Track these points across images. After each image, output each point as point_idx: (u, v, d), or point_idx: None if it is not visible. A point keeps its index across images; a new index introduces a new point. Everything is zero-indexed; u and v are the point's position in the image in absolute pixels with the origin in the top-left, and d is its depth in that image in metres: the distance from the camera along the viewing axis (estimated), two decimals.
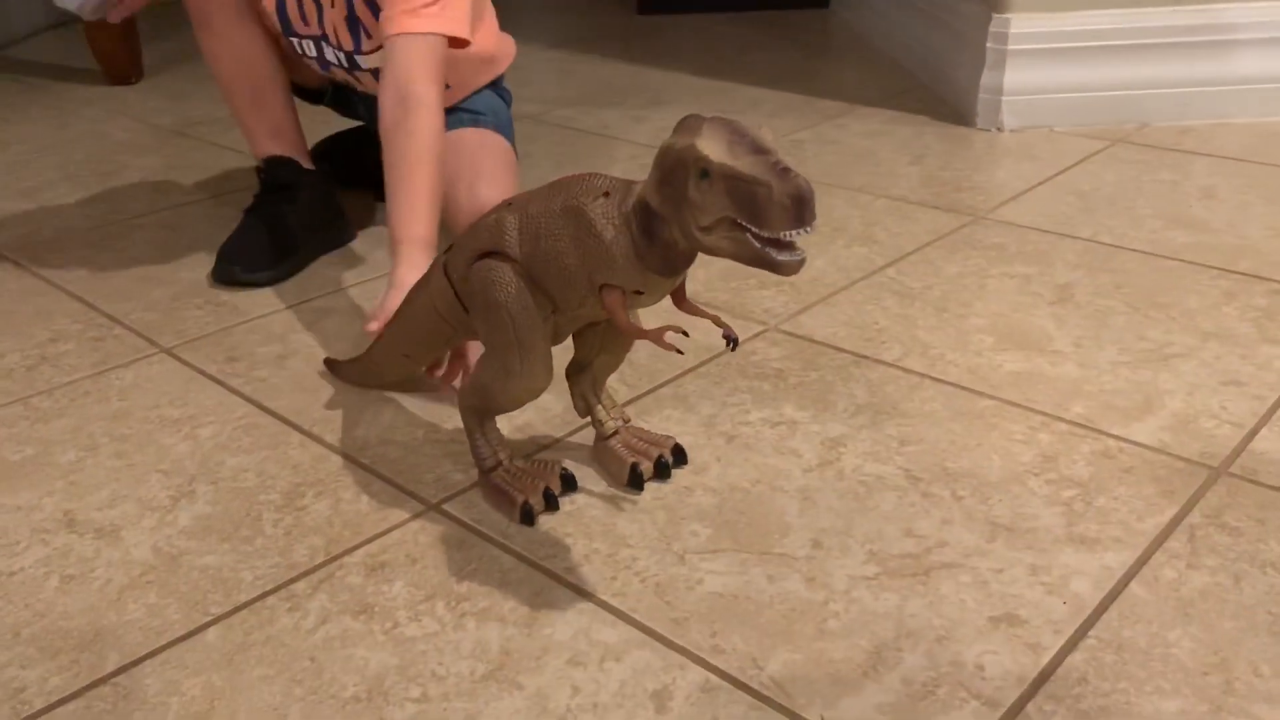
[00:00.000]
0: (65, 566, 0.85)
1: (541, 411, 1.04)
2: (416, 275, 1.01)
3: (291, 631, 0.77)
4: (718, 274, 1.32)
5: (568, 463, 0.94)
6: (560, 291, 0.79)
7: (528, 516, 0.87)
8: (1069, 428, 0.97)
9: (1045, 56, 1.80)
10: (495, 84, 1.48)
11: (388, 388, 1.08)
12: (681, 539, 0.85)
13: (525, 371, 0.82)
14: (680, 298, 0.79)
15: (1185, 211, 1.45)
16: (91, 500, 0.93)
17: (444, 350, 0.99)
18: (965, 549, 0.83)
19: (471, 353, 1.04)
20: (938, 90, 2.07)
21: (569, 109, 2.10)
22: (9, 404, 1.10)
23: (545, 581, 0.81)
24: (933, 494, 0.89)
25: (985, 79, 1.83)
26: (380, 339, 1.01)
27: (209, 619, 0.79)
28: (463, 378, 1.06)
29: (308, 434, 1.02)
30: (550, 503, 0.88)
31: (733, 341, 0.74)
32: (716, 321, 0.76)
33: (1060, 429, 0.97)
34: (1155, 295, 1.22)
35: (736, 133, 0.65)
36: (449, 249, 0.88)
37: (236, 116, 1.42)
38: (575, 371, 0.92)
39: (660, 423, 1.01)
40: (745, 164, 0.63)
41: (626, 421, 0.94)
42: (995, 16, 1.79)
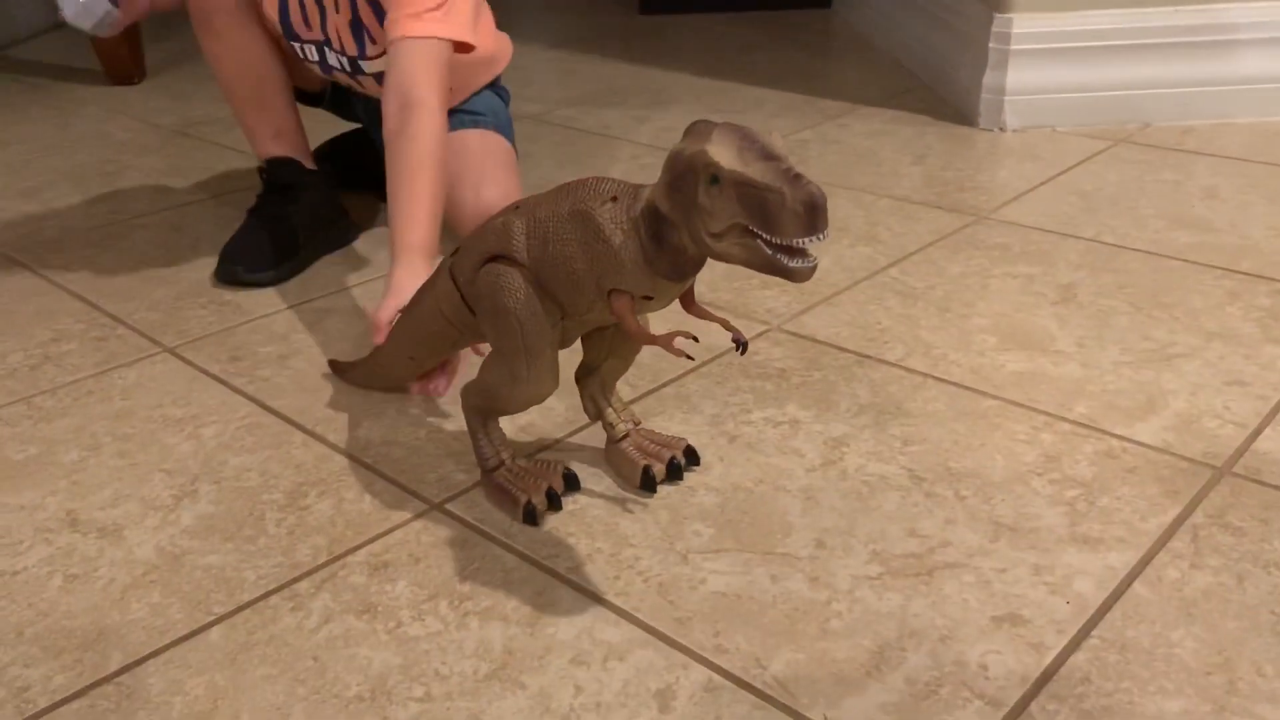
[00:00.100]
0: (68, 566, 0.85)
1: (544, 412, 1.04)
2: (415, 282, 1.01)
3: (294, 631, 0.77)
4: (721, 274, 1.32)
5: (570, 462, 0.94)
6: (568, 296, 0.79)
7: (530, 516, 0.87)
8: (1072, 428, 0.97)
9: (1047, 56, 1.80)
10: (493, 84, 1.48)
11: (392, 389, 1.08)
12: (684, 539, 0.85)
13: (532, 378, 0.82)
14: (689, 301, 0.79)
15: (1188, 211, 1.45)
16: (94, 500, 0.94)
17: (450, 353, 0.99)
18: (968, 549, 0.83)
19: (458, 365, 1.05)
20: (940, 90, 2.07)
21: (571, 109, 2.10)
22: (12, 403, 1.10)
23: (548, 581, 0.81)
24: (936, 494, 0.89)
25: (987, 79, 1.82)
26: (385, 341, 1.01)
27: (212, 618, 0.79)
28: (448, 382, 1.06)
29: (311, 433, 1.02)
30: (553, 502, 0.88)
31: (742, 345, 0.74)
32: (725, 325, 0.76)
33: (1063, 429, 0.97)
34: (1158, 295, 1.22)
35: (747, 138, 0.65)
36: (455, 252, 0.88)
37: (238, 118, 1.42)
38: (584, 375, 0.92)
39: (663, 423, 1.01)
40: (756, 170, 0.63)
41: (637, 424, 0.94)
42: (997, 16, 1.79)
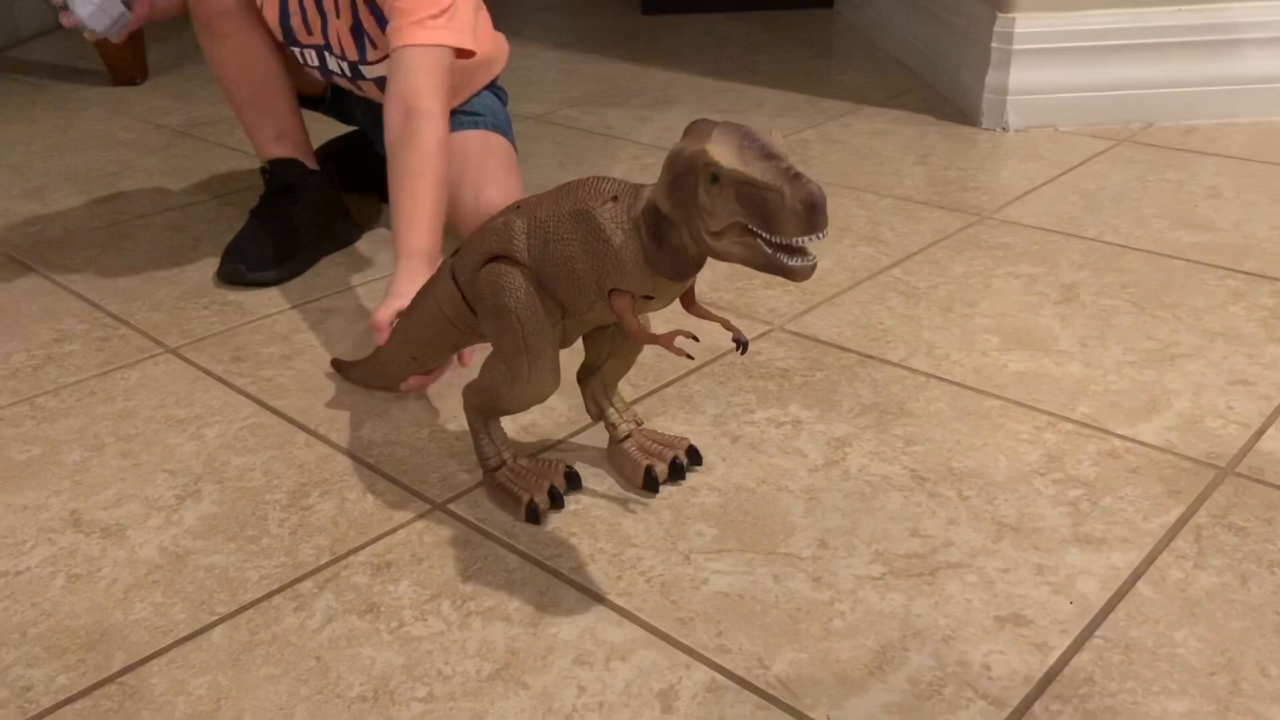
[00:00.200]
0: (71, 566, 0.85)
1: (546, 412, 1.04)
2: (416, 285, 1.02)
3: (297, 631, 0.77)
4: (723, 274, 1.32)
5: (572, 462, 0.94)
6: (569, 296, 0.79)
7: (533, 515, 0.87)
8: (1075, 427, 0.97)
9: (1050, 56, 1.79)
10: (491, 85, 1.48)
11: (395, 389, 1.08)
12: (687, 539, 0.85)
13: (533, 378, 0.82)
14: (689, 300, 0.79)
15: (1191, 211, 1.45)
16: (97, 500, 0.94)
17: (452, 353, 0.99)
18: (971, 549, 0.82)
19: (447, 370, 1.06)
20: (942, 90, 2.07)
21: (573, 109, 2.10)
22: (15, 404, 1.10)
23: (550, 581, 0.81)
24: (939, 494, 0.89)
25: (990, 79, 1.82)
26: (387, 341, 1.02)
27: (215, 618, 0.79)
28: (433, 378, 1.06)
29: (313, 434, 1.02)
30: (555, 501, 0.88)
31: (743, 345, 0.74)
32: (726, 325, 0.76)
33: (1066, 429, 0.97)
34: (1161, 295, 1.22)
35: (747, 137, 0.65)
36: (456, 252, 0.88)
37: (241, 120, 1.42)
38: (586, 375, 0.92)
39: (665, 423, 1.01)
40: (756, 169, 0.63)
41: (639, 424, 0.94)
42: (1000, 16, 1.79)
